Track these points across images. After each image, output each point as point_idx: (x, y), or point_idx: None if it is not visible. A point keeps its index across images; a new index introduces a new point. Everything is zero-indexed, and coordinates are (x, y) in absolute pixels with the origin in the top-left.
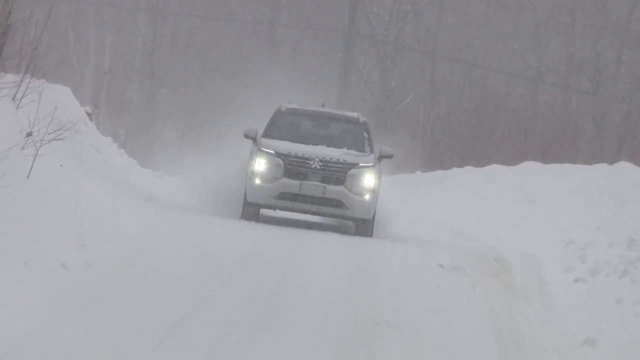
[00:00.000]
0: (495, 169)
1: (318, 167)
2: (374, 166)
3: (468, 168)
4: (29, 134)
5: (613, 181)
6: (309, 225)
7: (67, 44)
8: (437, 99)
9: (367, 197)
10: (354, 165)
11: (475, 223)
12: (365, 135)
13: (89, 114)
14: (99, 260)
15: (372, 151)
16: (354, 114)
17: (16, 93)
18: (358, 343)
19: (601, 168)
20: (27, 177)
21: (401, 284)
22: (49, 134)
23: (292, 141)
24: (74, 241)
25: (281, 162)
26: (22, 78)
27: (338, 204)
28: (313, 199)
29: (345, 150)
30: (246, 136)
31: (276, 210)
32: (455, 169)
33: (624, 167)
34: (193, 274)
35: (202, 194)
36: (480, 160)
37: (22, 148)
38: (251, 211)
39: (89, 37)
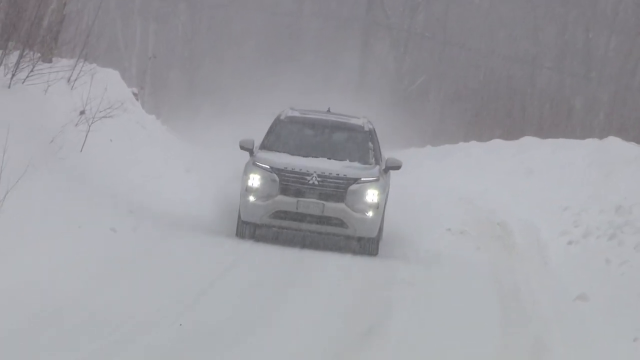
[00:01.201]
0: (498, 144)
1: (316, 182)
2: (377, 180)
3: (473, 142)
4: (82, 112)
5: (602, 154)
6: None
7: (115, 32)
8: (445, 81)
9: (370, 214)
10: (356, 180)
11: (479, 192)
12: (371, 145)
13: (135, 94)
14: (144, 225)
15: (377, 162)
16: (359, 122)
17: (71, 76)
18: (378, 297)
19: (592, 142)
20: (81, 151)
21: (413, 246)
22: (100, 112)
23: (291, 153)
24: (122, 207)
25: (276, 177)
26: (76, 62)
27: (338, 222)
28: (311, 217)
29: (347, 162)
30: (242, 148)
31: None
32: (461, 144)
33: (612, 141)
34: (230, 237)
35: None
36: (484, 135)
37: (76, 125)
38: (246, 230)
39: (135, 25)
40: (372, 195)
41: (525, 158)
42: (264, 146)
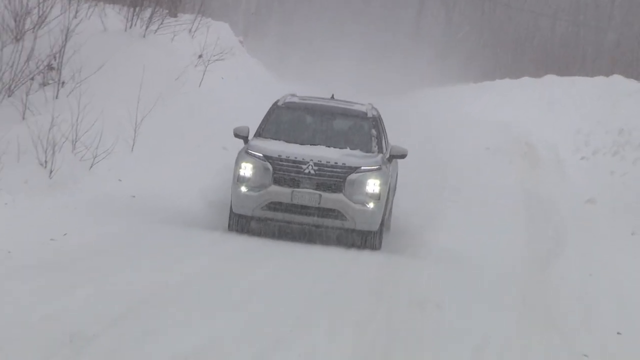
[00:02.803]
0: (525, 81)
1: (312, 171)
2: (379, 169)
3: (506, 80)
4: (200, 56)
5: (609, 88)
6: None
7: None
8: (486, 30)
9: (370, 205)
10: (355, 168)
11: (511, 119)
12: (374, 132)
13: (240, 42)
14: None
15: (380, 151)
16: (363, 108)
17: (191, 27)
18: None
19: (600, 80)
20: (199, 86)
21: (458, 159)
22: (214, 56)
23: (287, 141)
24: (231, 130)
25: (270, 166)
26: (195, 17)
27: (336, 214)
28: (307, 209)
29: (347, 150)
30: (236, 135)
31: (267, 221)
32: (497, 81)
33: (616, 79)
34: None
35: None
36: (515, 74)
37: (195, 66)
38: (238, 223)
39: None
40: (372, 185)
41: (547, 92)
42: (259, 134)
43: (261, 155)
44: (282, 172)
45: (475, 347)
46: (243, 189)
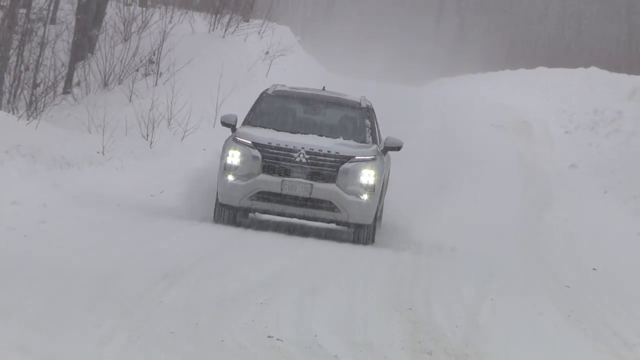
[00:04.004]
0: (521, 71)
1: (304, 160)
2: (374, 159)
3: (507, 71)
4: (267, 53)
5: (587, 78)
6: None
7: (287, 2)
8: (491, 31)
9: (364, 197)
10: (349, 158)
11: (511, 102)
12: (368, 122)
13: (299, 42)
14: None
15: (375, 141)
16: (356, 98)
17: (260, 30)
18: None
19: (581, 70)
20: (266, 76)
21: (467, 133)
22: (277, 52)
23: (277, 130)
24: None
25: (259, 154)
26: (263, 21)
27: (329, 206)
28: (298, 200)
29: (340, 140)
30: (223, 124)
31: (255, 213)
32: (499, 72)
33: (593, 70)
34: None
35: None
36: (513, 66)
37: (263, 60)
38: (224, 215)
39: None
40: (367, 176)
41: (539, 80)
42: (247, 122)
43: (249, 142)
44: (271, 160)
45: (483, 281)
46: (230, 177)
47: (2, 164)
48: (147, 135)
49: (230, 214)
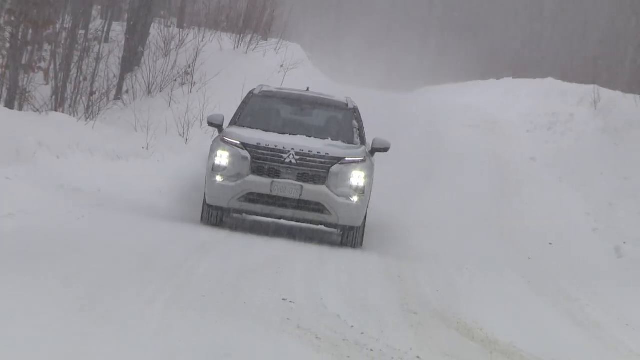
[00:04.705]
0: (491, 82)
1: (294, 161)
2: (364, 161)
3: (479, 81)
4: (282, 66)
5: (545, 87)
6: None
7: (298, 23)
8: (467, 48)
9: (354, 199)
10: (339, 159)
11: (482, 106)
12: (355, 123)
13: (308, 57)
14: None
15: (363, 143)
16: (343, 99)
17: (276, 47)
18: (427, 154)
19: (540, 81)
20: (281, 85)
21: (447, 131)
22: (290, 65)
23: (265, 130)
24: None
25: (248, 155)
26: (278, 40)
27: (318, 208)
28: (287, 201)
29: (329, 141)
30: (210, 124)
31: (243, 215)
32: (474, 81)
33: (550, 80)
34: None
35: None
36: (485, 77)
37: (278, 72)
38: (212, 216)
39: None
40: (357, 178)
41: (505, 89)
42: (234, 122)
43: (238, 142)
44: (261, 161)
45: (460, 254)
46: (218, 178)
47: (65, 157)
48: (183, 134)
49: (218, 216)
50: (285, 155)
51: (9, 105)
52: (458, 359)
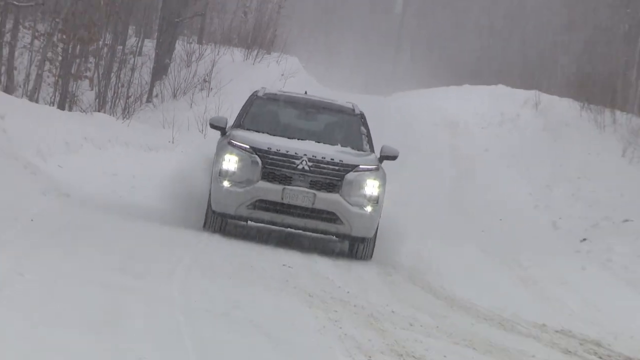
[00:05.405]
0: (453, 88)
1: (307, 168)
2: (377, 169)
3: (442, 87)
4: (282, 75)
5: (495, 92)
6: None
7: (296, 38)
8: (433, 58)
9: (368, 209)
10: (354, 167)
11: (445, 108)
12: (363, 129)
13: (304, 67)
14: None
15: (372, 150)
16: (349, 104)
17: (278, 59)
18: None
19: (492, 87)
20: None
21: (416, 128)
22: (289, 74)
23: (272, 134)
24: None
25: (258, 160)
26: (279, 54)
27: (331, 217)
28: (299, 210)
29: (339, 147)
30: (212, 126)
31: (248, 222)
32: (439, 87)
33: (499, 87)
34: None
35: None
36: (448, 84)
37: (279, 80)
38: (217, 223)
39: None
40: (372, 187)
41: (464, 93)
42: (239, 125)
43: (247, 146)
44: (272, 166)
45: (425, 228)
46: (226, 184)
47: (106, 149)
48: (202, 130)
49: (223, 223)
50: (297, 161)
51: (61, 107)
52: (426, 311)
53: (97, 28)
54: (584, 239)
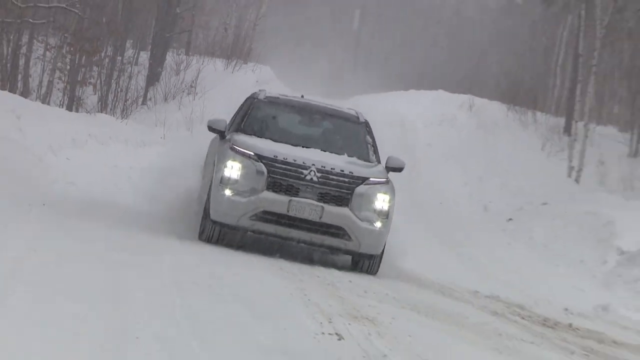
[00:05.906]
0: (401, 92)
1: (315, 178)
2: (387, 183)
3: (392, 92)
4: (257, 81)
5: (438, 96)
6: None
7: (267, 51)
8: (391, 66)
9: (378, 225)
10: (364, 179)
11: (397, 109)
12: (369, 139)
13: (276, 75)
14: None
15: (378, 161)
16: (352, 111)
17: (253, 68)
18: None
19: (434, 92)
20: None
21: (375, 127)
22: (263, 81)
23: (275, 140)
24: None
25: (264, 168)
26: (254, 63)
27: (339, 232)
28: (305, 223)
29: (346, 157)
30: (211, 129)
31: (248, 233)
32: (393, 92)
33: (441, 92)
34: None
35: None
36: (399, 89)
37: (254, 86)
38: (214, 233)
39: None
40: (382, 202)
41: (411, 97)
42: (240, 129)
43: (252, 154)
44: (278, 176)
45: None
46: (228, 192)
47: (107, 144)
48: (190, 129)
49: (220, 233)
50: (305, 172)
51: (69, 108)
52: (378, 282)
53: (99, 42)
54: (510, 219)
